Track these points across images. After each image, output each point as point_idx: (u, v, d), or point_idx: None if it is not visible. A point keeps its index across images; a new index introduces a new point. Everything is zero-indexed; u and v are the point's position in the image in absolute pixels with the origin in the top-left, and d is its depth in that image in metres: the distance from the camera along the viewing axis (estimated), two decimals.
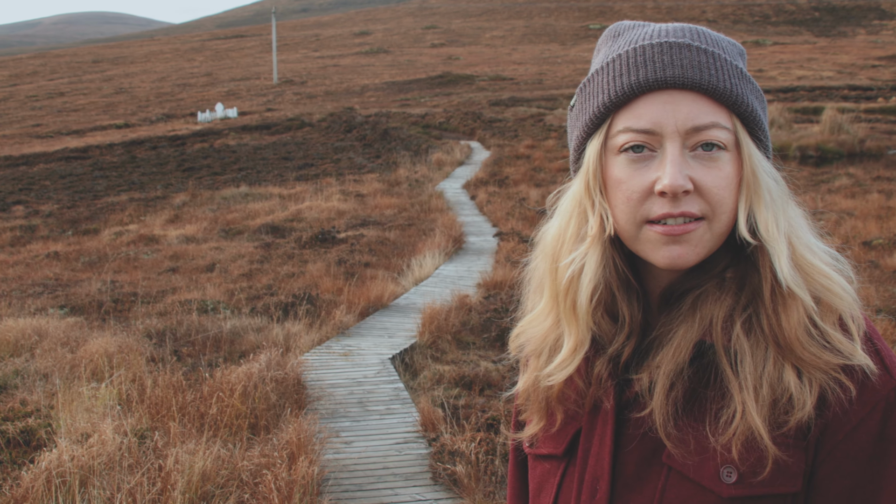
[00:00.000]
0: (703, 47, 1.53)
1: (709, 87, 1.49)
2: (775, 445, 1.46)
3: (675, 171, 1.47)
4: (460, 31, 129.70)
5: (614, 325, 1.62)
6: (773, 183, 1.54)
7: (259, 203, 25.16)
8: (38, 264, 18.00)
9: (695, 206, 1.48)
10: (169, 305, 12.82)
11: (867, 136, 35.99)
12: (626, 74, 1.53)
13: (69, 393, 7.90)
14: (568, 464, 1.68)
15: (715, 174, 1.49)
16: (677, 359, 1.52)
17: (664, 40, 1.53)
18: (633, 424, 1.58)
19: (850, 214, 19.25)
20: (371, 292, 13.37)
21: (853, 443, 1.46)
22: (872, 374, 1.47)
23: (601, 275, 1.58)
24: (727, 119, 1.51)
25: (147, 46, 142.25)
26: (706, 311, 1.53)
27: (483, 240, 18.94)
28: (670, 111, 1.49)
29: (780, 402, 1.47)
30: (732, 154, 1.51)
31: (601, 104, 1.56)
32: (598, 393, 1.63)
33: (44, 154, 43.20)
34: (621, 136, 1.53)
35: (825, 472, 1.47)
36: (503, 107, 54.54)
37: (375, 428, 8.35)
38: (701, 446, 1.50)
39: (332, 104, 60.76)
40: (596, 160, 1.57)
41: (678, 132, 1.49)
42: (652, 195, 1.50)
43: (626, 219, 1.53)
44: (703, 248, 1.51)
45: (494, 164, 31.51)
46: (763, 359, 1.49)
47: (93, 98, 77.45)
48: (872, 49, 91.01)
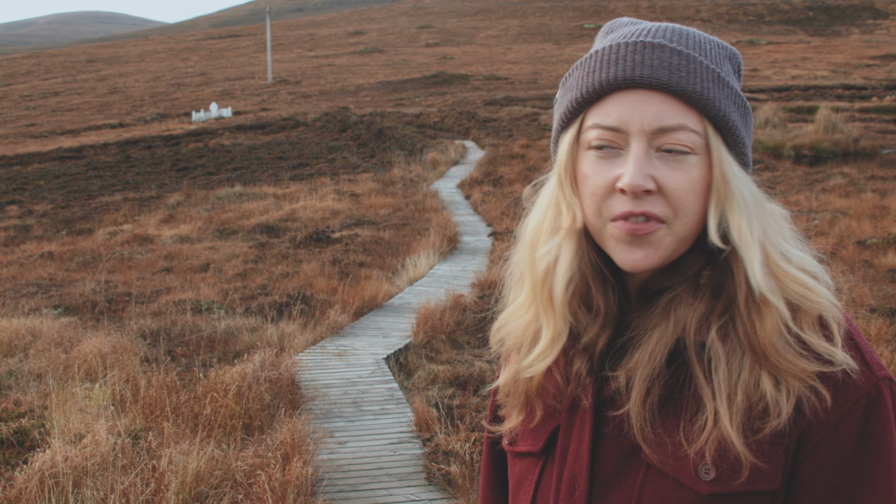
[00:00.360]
0: (677, 49, 1.52)
1: (677, 88, 1.49)
2: (750, 450, 1.46)
3: (636, 171, 1.47)
4: (455, 30, 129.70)
5: (590, 318, 1.63)
6: (745, 188, 1.52)
7: (253, 203, 25.14)
8: (32, 264, 17.97)
9: (657, 207, 1.49)
10: (163, 305, 12.80)
11: (861, 136, 36.02)
12: (597, 71, 1.54)
13: (63, 393, 7.88)
14: (546, 461, 1.68)
15: (679, 176, 1.49)
16: (652, 363, 1.52)
17: (639, 40, 1.53)
18: (611, 422, 1.59)
19: (844, 214, 19.26)
20: (365, 292, 13.36)
21: (835, 439, 1.46)
22: (853, 372, 1.47)
23: (576, 265, 1.60)
24: (697, 122, 1.50)
25: (141, 46, 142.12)
26: (680, 314, 1.54)
27: (478, 239, 18.94)
28: (638, 111, 1.49)
29: (755, 409, 1.47)
30: (702, 158, 1.51)
31: (573, 99, 1.58)
32: (577, 390, 1.64)
33: (38, 154, 43.11)
34: (591, 132, 1.54)
35: (808, 470, 1.48)
36: (498, 106, 54.55)
37: (370, 428, 8.34)
38: (677, 449, 1.51)
39: (327, 104, 60.74)
40: (567, 154, 1.59)
41: (644, 132, 1.49)
42: (615, 192, 1.50)
43: (592, 213, 1.54)
44: (664, 251, 1.51)
45: (489, 164, 31.50)
46: (739, 365, 1.48)
47: (87, 98, 77.36)
48: (867, 48, 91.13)
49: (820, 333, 1.50)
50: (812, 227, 17.47)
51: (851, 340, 1.53)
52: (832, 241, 15.82)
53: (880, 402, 1.48)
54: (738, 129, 1.54)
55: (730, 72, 1.58)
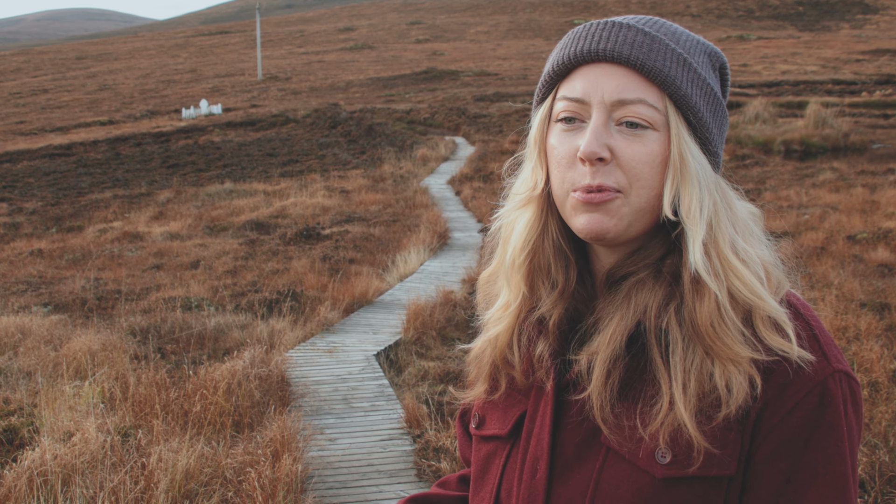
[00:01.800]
0: (646, 30, 1.57)
1: (637, 62, 1.54)
2: (704, 435, 1.47)
3: (593, 139, 1.52)
4: (445, 26, 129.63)
5: (550, 291, 1.69)
6: (701, 170, 1.55)
7: (243, 200, 25.12)
8: (21, 262, 17.93)
9: (611, 178, 1.53)
10: (153, 303, 12.78)
11: (851, 131, 36.11)
12: (568, 47, 1.61)
13: (52, 391, 7.86)
14: (513, 445, 1.71)
15: (635, 148, 1.53)
16: (613, 345, 1.55)
17: (611, 21, 1.59)
18: (573, 406, 1.62)
19: (834, 209, 19.30)
20: (356, 289, 13.35)
21: (788, 427, 1.47)
22: (809, 362, 1.49)
23: (532, 233, 1.67)
24: (657, 99, 1.54)
25: (131, 43, 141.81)
26: (640, 298, 1.57)
27: (468, 235, 18.94)
28: (600, 84, 1.55)
29: (709, 396, 1.49)
30: (662, 134, 1.55)
31: (546, 73, 1.65)
32: (540, 374, 1.68)
33: (27, 151, 43.01)
34: (559, 104, 1.61)
35: (761, 457, 1.49)
36: (488, 102, 54.55)
37: (360, 425, 8.34)
38: (634, 432, 1.53)
39: (317, 100, 60.67)
40: (539, 126, 1.66)
41: (604, 104, 1.54)
42: (577, 162, 1.55)
43: (558, 184, 1.60)
44: (621, 222, 1.55)
45: (479, 160, 31.49)
46: (693, 351, 1.51)
47: (77, 95, 77.17)
48: (856, 43, 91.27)
49: (773, 329, 1.51)
50: (802, 223, 17.50)
51: (811, 331, 1.55)
52: (822, 236, 15.86)
53: (836, 392, 1.49)
54: (701, 114, 1.57)
55: (706, 66, 1.61)
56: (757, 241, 1.60)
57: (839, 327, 9.84)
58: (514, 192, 1.72)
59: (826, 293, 11.27)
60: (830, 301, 10.81)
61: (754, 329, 1.51)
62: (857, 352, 8.94)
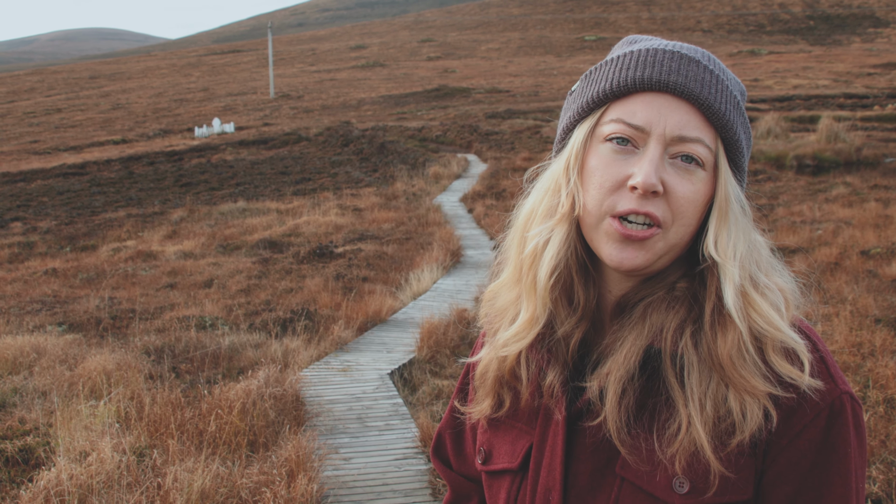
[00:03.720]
0: (710, 68, 1.58)
1: (705, 103, 1.54)
2: (719, 460, 1.48)
3: (651, 170, 1.51)
4: (456, 43, 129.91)
5: (570, 311, 1.67)
6: (740, 211, 1.58)
7: (257, 218, 25.15)
8: (36, 281, 17.98)
9: (659, 209, 1.52)
10: (167, 322, 12.80)
11: (864, 145, 35.99)
12: (632, 69, 1.58)
13: (67, 411, 7.88)
14: (523, 477, 1.70)
15: (686, 185, 1.54)
16: (627, 365, 1.55)
17: (677, 50, 1.59)
18: (585, 434, 1.61)
19: (847, 223, 19.24)
20: (369, 307, 13.35)
21: (795, 450, 1.49)
22: (818, 387, 1.50)
23: (563, 252, 1.63)
24: (712, 140, 1.56)
25: (144, 62, 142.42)
26: (655, 319, 1.57)
27: (481, 253, 18.93)
28: (664, 115, 1.54)
29: (724, 420, 1.50)
30: (708, 174, 1.56)
31: (601, 90, 1.61)
32: (550, 402, 1.66)
33: (41, 170, 43.18)
34: (611, 126, 1.58)
35: (768, 479, 1.50)
36: (500, 119, 54.57)
37: (374, 444, 8.33)
38: (651, 455, 1.53)
39: (329, 118, 60.81)
40: (581, 143, 1.62)
41: (664, 136, 1.54)
42: (623, 188, 1.54)
43: (594, 205, 1.57)
44: (653, 255, 1.55)
45: (491, 177, 31.49)
46: (709, 375, 1.52)
47: (90, 114, 77.50)
48: (868, 57, 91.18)
49: (783, 356, 1.52)
50: (815, 238, 17.46)
51: (818, 353, 1.56)
52: (836, 252, 15.81)
53: (842, 415, 1.51)
54: (744, 156, 1.61)
55: (744, 106, 1.64)
56: (776, 272, 1.62)
57: (854, 343, 9.81)
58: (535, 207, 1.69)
59: (840, 309, 11.24)
60: (845, 317, 10.77)
61: (765, 358, 1.52)
62: (872, 368, 8.91)
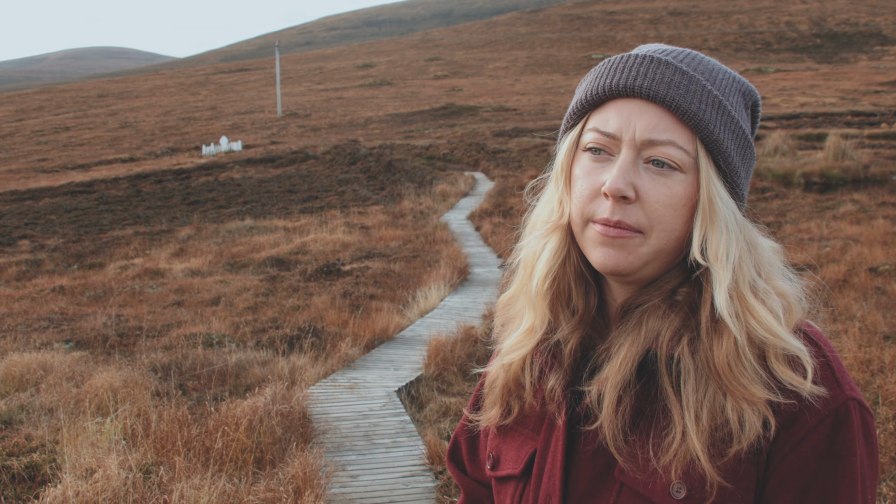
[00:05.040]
0: (683, 69, 1.55)
1: (673, 104, 1.52)
2: (716, 469, 1.46)
3: (619, 176, 1.51)
4: (463, 62, 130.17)
5: (569, 318, 1.68)
6: (730, 214, 1.54)
7: (264, 236, 25.17)
8: (43, 298, 18.00)
9: (632, 216, 1.52)
10: (174, 339, 12.80)
11: (871, 162, 35.93)
12: (604, 77, 1.59)
13: (74, 428, 7.87)
14: (526, 483, 1.70)
15: (660, 189, 1.52)
16: (623, 371, 1.54)
17: (649, 54, 1.57)
18: (585, 439, 1.60)
19: (855, 241, 19.20)
20: (376, 324, 13.34)
21: (798, 457, 1.45)
22: (820, 396, 1.47)
23: (556, 260, 1.65)
24: (688, 141, 1.53)
25: (152, 81, 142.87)
26: (651, 325, 1.56)
27: (488, 271, 18.92)
28: (633, 120, 1.53)
29: (721, 429, 1.47)
30: (689, 177, 1.53)
31: (578, 101, 1.63)
32: (551, 407, 1.66)
33: (49, 188, 43.32)
34: (589, 135, 1.59)
35: (771, 487, 1.47)
36: (507, 137, 54.61)
37: (382, 461, 8.31)
38: (647, 463, 1.51)
39: (337, 136, 60.94)
40: (566, 154, 1.64)
41: (634, 141, 1.53)
42: (599, 196, 1.55)
43: (577, 213, 1.58)
44: (637, 259, 1.54)
45: (499, 195, 31.50)
46: (706, 383, 1.49)
47: (98, 132, 77.74)
48: (875, 75, 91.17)
49: (786, 363, 1.49)
50: (824, 255, 17.42)
51: (823, 358, 1.52)
52: (844, 269, 15.77)
53: (847, 421, 1.47)
54: (731, 158, 1.56)
55: (739, 105, 1.60)
56: (778, 275, 1.59)
57: (863, 360, 9.77)
58: (536, 217, 1.71)
59: (849, 326, 11.20)
60: (854, 334, 10.73)
61: (767, 364, 1.49)
62: (881, 385, 8.87)
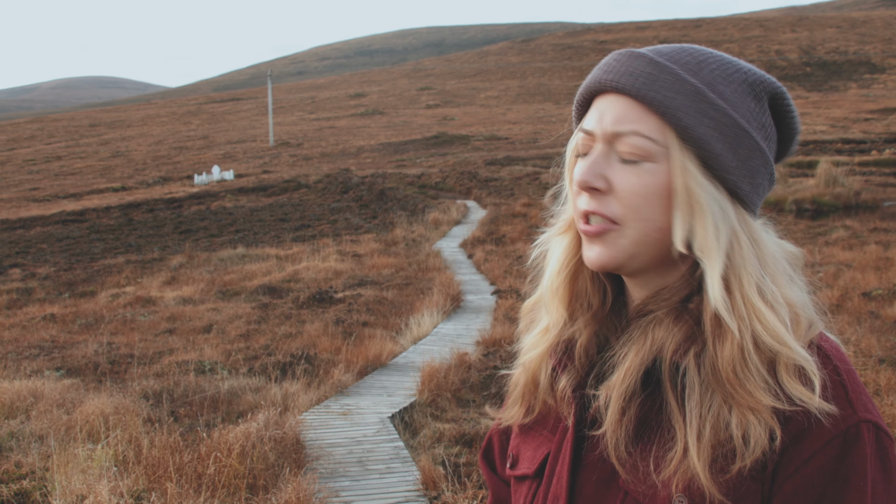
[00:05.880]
0: (657, 60, 1.52)
1: (637, 94, 1.50)
2: (718, 487, 1.40)
3: (587, 168, 1.52)
4: (455, 91, 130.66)
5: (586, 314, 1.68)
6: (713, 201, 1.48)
7: (256, 264, 25.13)
8: (34, 327, 17.93)
9: (607, 207, 1.51)
10: (166, 366, 12.74)
11: (862, 189, 36.07)
12: (586, 79, 1.61)
13: (64, 454, 7.80)
14: (538, 484, 1.68)
15: (630, 179, 1.50)
16: (627, 382, 1.51)
17: (627, 50, 1.58)
18: (593, 444, 1.58)
19: (848, 266, 19.24)
20: (369, 351, 13.30)
21: (802, 478, 1.39)
22: (831, 411, 1.40)
23: (568, 257, 1.66)
24: (655, 130, 1.49)
25: (144, 110, 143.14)
26: (657, 335, 1.52)
27: (481, 298, 18.89)
28: (604, 114, 1.54)
29: (724, 446, 1.42)
30: (660, 166, 1.50)
31: (574, 105, 1.66)
32: (563, 409, 1.65)
33: (41, 217, 43.26)
34: (578, 136, 1.60)
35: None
36: (499, 166, 54.70)
37: (375, 487, 8.25)
38: (648, 476, 1.48)
39: (329, 165, 60.99)
40: (569, 156, 1.65)
41: (604, 134, 1.53)
42: (581, 191, 1.56)
43: (573, 210, 1.60)
44: (619, 252, 1.52)
45: (491, 223, 31.54)
46: (710, 398, 1.44)
47: (90, 161, 77.75)
48: (864, 103, 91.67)
49: (796, 377, 1.43)
50: (817, 280, 17.45)
51: (838, 377, 1.46)
52: (837, 294, 15.79)
53: (858, 444, 1.40)
54: (710, 145, 1.48)
55: (736, 94, 1.53)
56: (787, 281, 1.53)
57: None
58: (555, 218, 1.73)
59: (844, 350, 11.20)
60: (848, 357, 10.73)
61: (777, 376, 1.43)
62: (878, 408, 8.85)
